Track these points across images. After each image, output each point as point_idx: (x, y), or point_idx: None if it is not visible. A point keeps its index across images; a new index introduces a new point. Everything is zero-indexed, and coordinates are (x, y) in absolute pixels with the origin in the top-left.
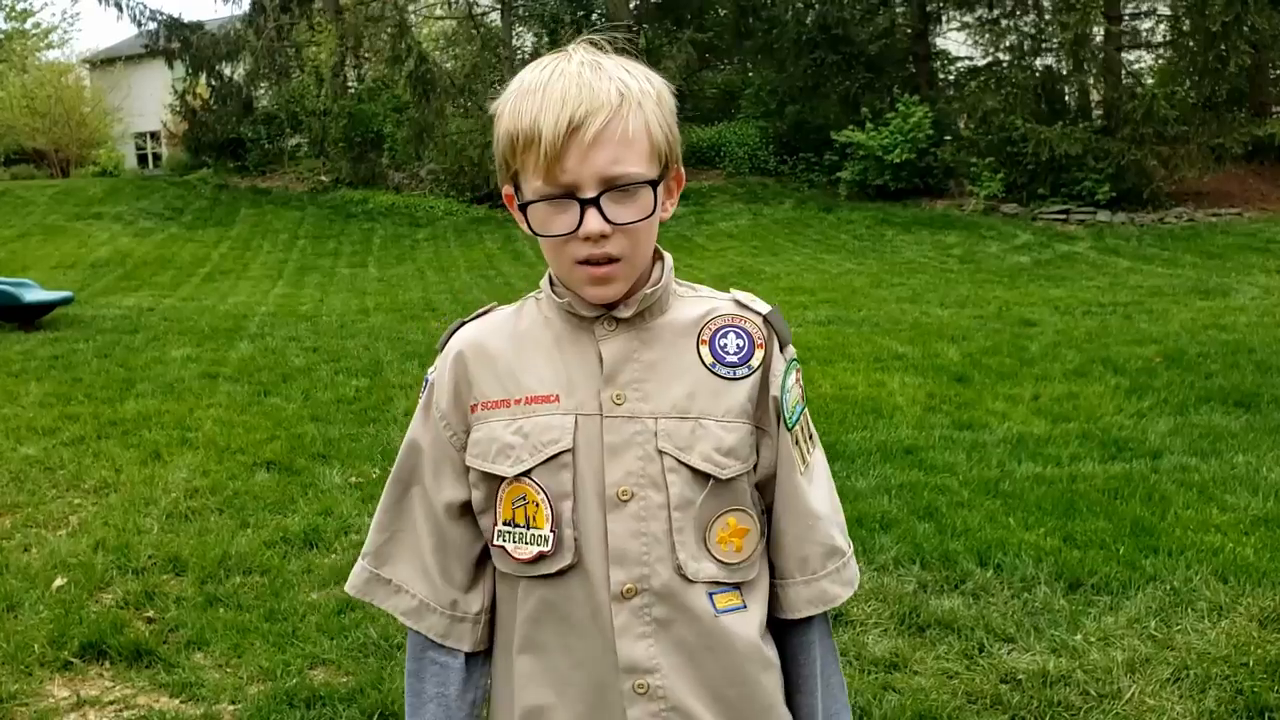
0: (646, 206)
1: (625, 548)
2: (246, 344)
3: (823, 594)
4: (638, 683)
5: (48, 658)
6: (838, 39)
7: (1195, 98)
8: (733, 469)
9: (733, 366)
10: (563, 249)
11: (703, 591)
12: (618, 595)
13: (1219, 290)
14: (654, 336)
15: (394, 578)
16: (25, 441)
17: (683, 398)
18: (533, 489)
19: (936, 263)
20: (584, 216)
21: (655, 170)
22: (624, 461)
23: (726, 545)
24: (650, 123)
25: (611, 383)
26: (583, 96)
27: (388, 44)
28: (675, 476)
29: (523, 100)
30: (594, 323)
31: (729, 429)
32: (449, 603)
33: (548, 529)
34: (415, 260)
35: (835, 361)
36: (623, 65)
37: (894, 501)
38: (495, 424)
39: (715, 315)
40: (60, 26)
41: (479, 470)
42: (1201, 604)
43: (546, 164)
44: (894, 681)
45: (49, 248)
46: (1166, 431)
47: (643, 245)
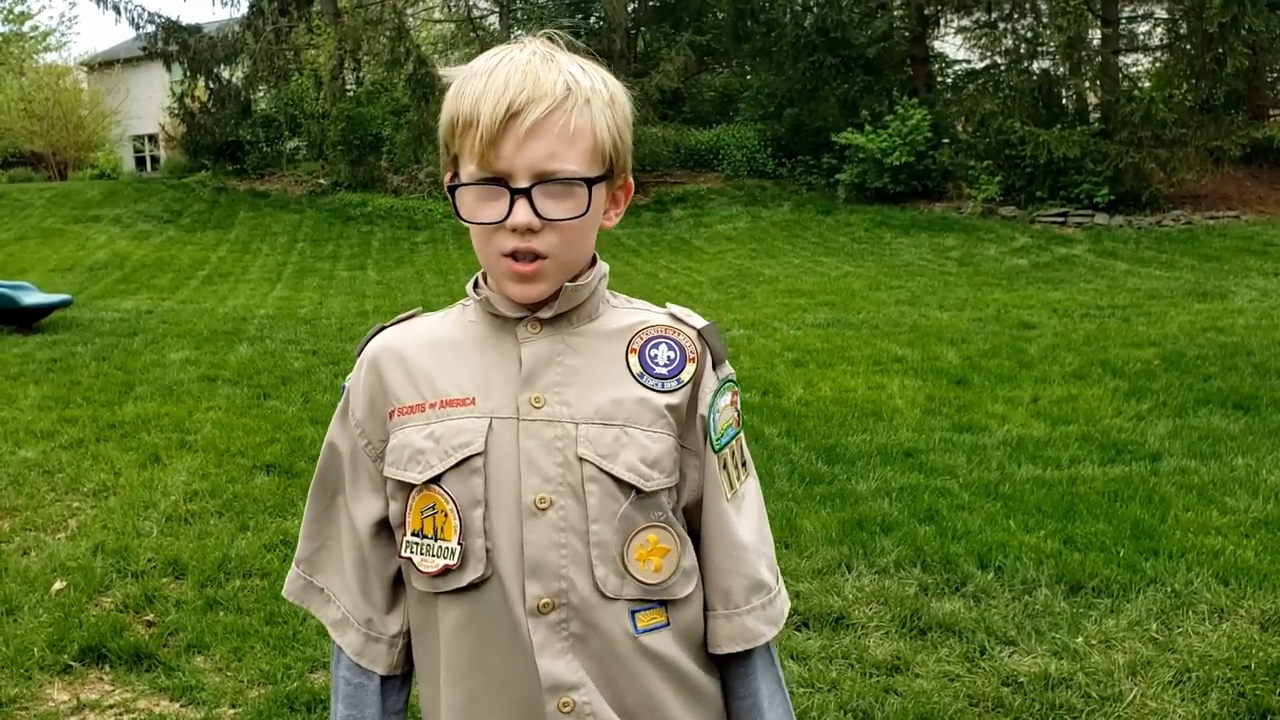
0: (581, 205)
1: (543, 559)
2: (246, 347)
3: (744, 630)
4: (562, 701)
5: (47, 661)
6: (836, 42)
7: (1192, 100)
8: (656, 481)
9: (661, 378)
10: (490, 239)
11: (624, 609)
12: (534, 610)
13: (1217, 293)
14: (581, 342)
15: (326, 586)
16: (24, 444)
17: (607, 404)
18: (441, 497)
19: (935, 265)
20: (513, 206)
21: (596, 170)
22: (541, 468)
23: (645, 563)
24: (597, 122)
25: (530, 385)
26: (526, 84)
27: (386, 47)
28: (595, 486)
29: (467, 83)
30: (517, 324)
31: (654, 439)
32: (365, 620)
33: (454, 540)
34: (414, 263)
35: (834, 364)
36: (578, 62)
37: (894, 504)
38: (410, 430)
39: (647, 325)
40: (58, 29)
41: (394, 479)
42: (1202, 606)
43: (481, 148)
44: (895, 684)
45: (47, 250)
46: (1166, 434)
47: (575, 247)
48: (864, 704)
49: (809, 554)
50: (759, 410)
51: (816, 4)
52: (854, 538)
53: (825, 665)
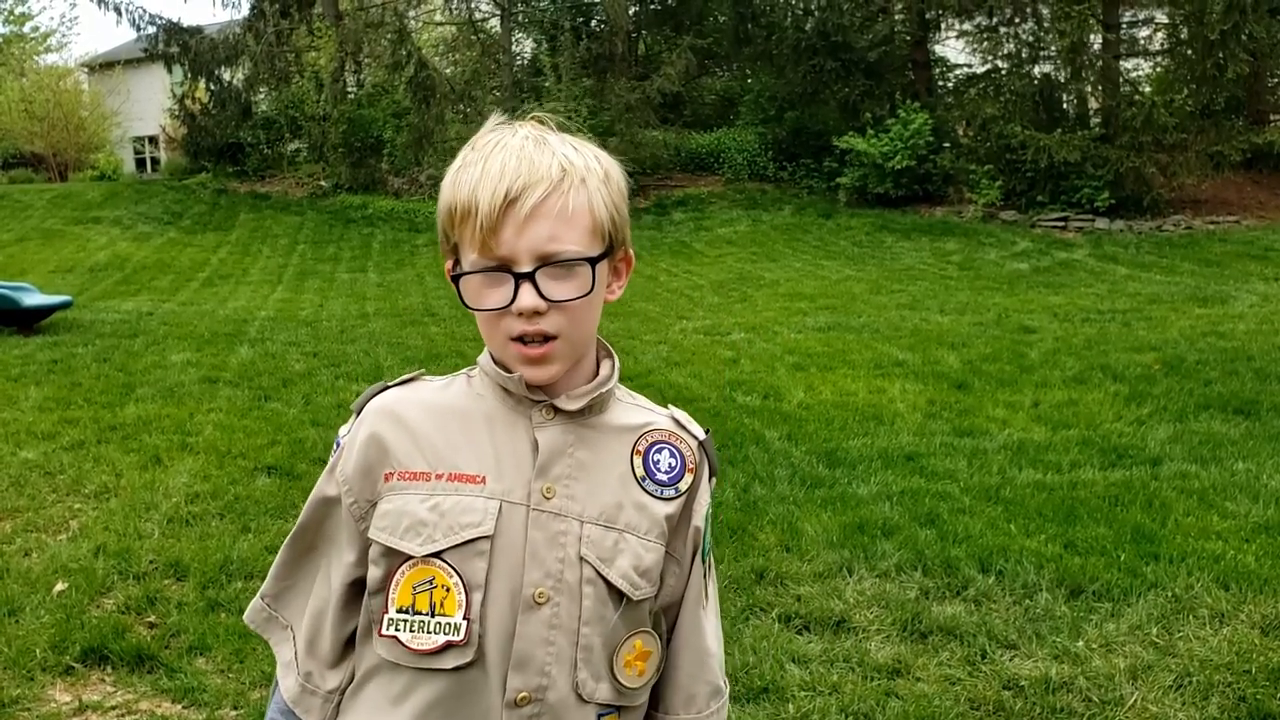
0: (584, 284)
1: (530, 654)
2: (246, 349)
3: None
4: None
5: (49, 663)
6: (837, 46)
7: (1193, 105)
8: (644, 591)
9: (662, 485)
10: (497, 325)
11: (592, 713)
12: (511, 702)
13: (1217, 298)
14: (591, 435)
15: (290, 624)
16: (25, 446)
17: (611, 506)
18: (444, 572)
19: (936, 269)
20: (518, 291)
21: (597, 248)
22: (544, 561)
23: (631, 669)
24: (594, 200)
25: (544, 474)
26: (521, 170)
27: (387, 49)
28: (591, 589)
29: (464, 172)
30: (532, 408)
31: (648, 548)
32: (305, 672)
33: (460, 616)
34: (415, 265)
35: (835, 368)
36: (570, 142)
37: (895, 508)
38: (411, 496)
39: (653, 428)
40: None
41: (382, 544)
42: (1203, 611)
43: (482, 236)
44: (897, 688)
45: (47, 252)
46: (1166, 438)
47: (582, 325)
48: (865, 707)
49: (810, 557)
50: (760, 414)
51: (817, 8)
52: (855, 541)
53: (826, 668)
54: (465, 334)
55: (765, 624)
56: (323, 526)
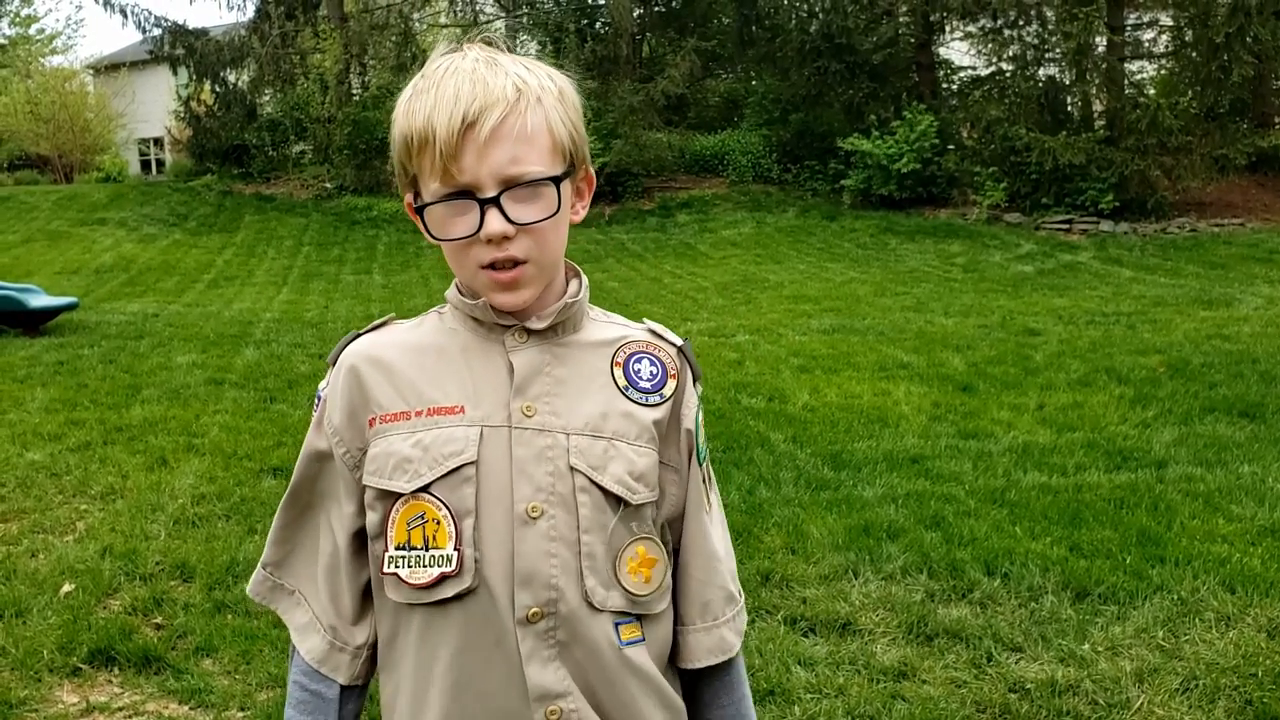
0: (550, 205)
1: (534, 569)
2: (252, 350)
3: (722, 642)
4: (550, 709)
5: (56, 664)
6: (841, 48)
7: (1198, 108)
8: (643, 495)
9: (645, 392)
10: (465, 254)
11: (608, 621)
12: (523, 619)
13: (1222, 300)
14: (566, 353)
15: (296, 589)
16: (31, 447)
17: (596, 416)
18: (433, 505)
19: (940, 272)
20: (484, 217)
21: (559, 167)
22: (533, 477)
23: (636, 575)
24: (551, 118)
25: (522, 394)
26: (476, 92)
27: (392, 51)
28: (586, 497)
29: (416, 100)
30: (504, 333)
31: (640, 453)
32: (331, 628)
33: (451, 547)
34: (419, 267)
35: (840, 370)
36: (521, 62)
37: (900, 510)
38: (394, 437)
39: (630, 340)
40: (65, 32)
41: (375, 488)
42: (1209, 614)
43: (442, 164)
44: (903, 690)
45: (53, 253)
46: (1171, 441)
47: (550, 247)
48: (871, 710)
49: (815, 560)
50: (765, 416)
51: (822, 10)
52: (860, 544)
53: (832, 671)
54: None
55: (771, 626)
56: (316, 483)
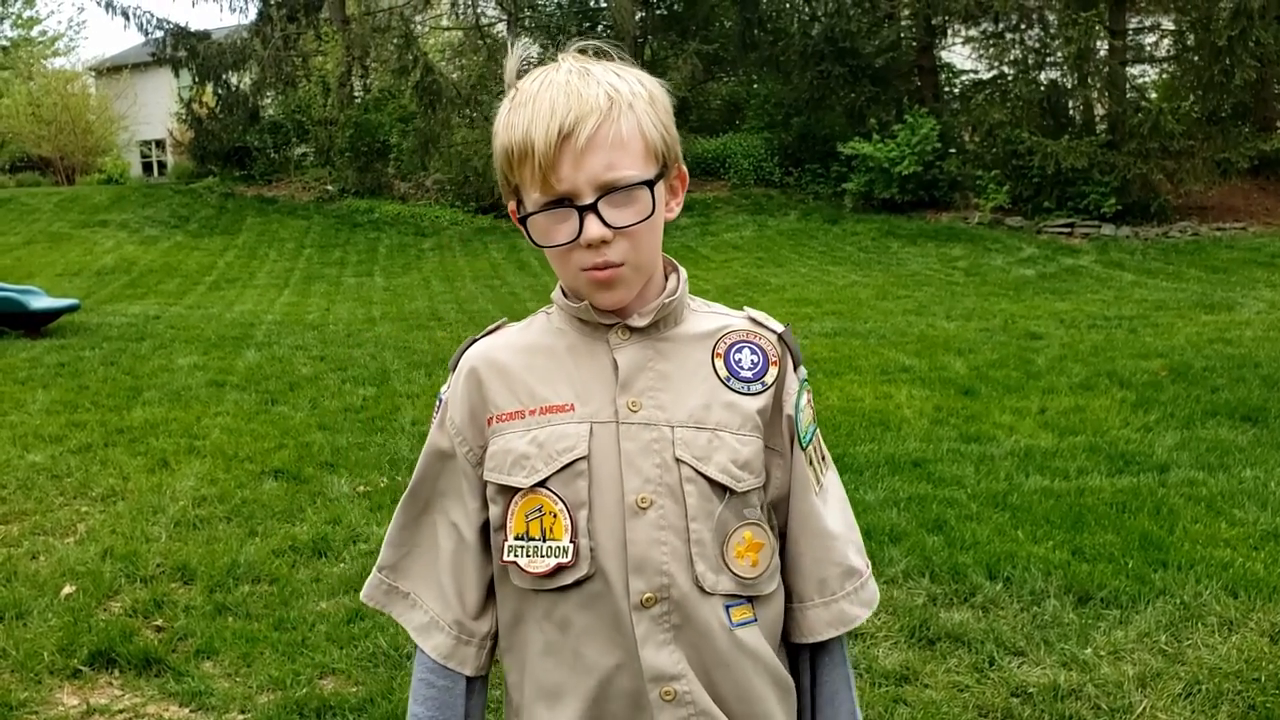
0: (645, 208)
1: (645, 556)
2: (253, 352)
3: (841, 615)
4: (665, 690)
5: (57, 666)
6: (844, 51)
7: (1200, 112)
8: (748, 482)
9: (747, 381)
10: (567, 258)
11: (719, 604)
12: (637, 604)
13: (1224, 304)
14: (669, 347)
15: (411, 591)
16: (32, 449)
17: (699, 408)
18: (549, 499)
19: (942, 275)
20: (583, 223)
21: (652, 170)
22: (641, 469)
23: (743, 559)
24: (643, 123)
25: (627, 390)
26: (571, 104)
27: (394, 54)
28: (692, 487)
29: (514, 114)
30: (608, 331)
31: (744, 442)
32: (456, 623)
33: (566, 539)
34: (421, 270)
35: (842, 374)
36: (612, 69)
37: (903, 514)
38: (511, 435)
39: (730, 330)
40: (67, 34)
41: (496, 484)
42: (1212, 619)
43: (542, 174)
44: (904, 694)
45: (54, 255)
46: (1173, 445)
47: (647, 247)
48: (873, 714)
49: None
50: None
51: (824, 14)
52: None
53: None
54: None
55: None
56: (437, 481)
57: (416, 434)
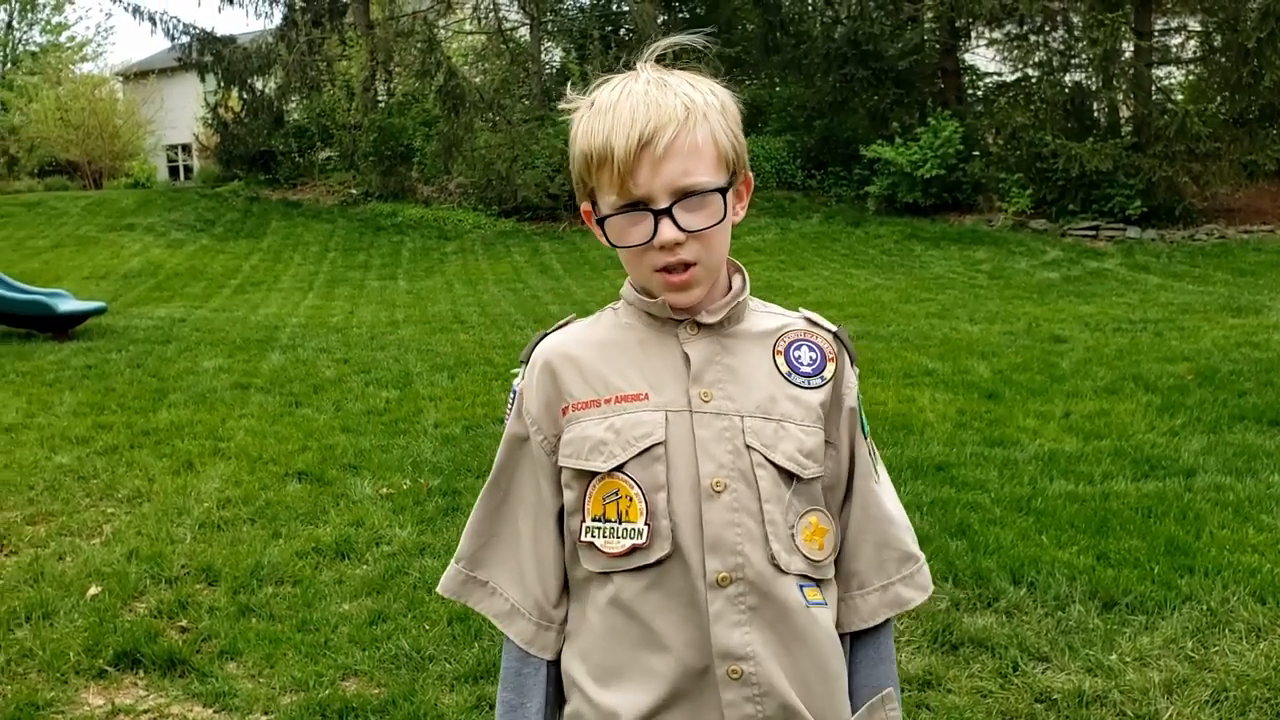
0: (717, 212)
1: (721, 536)
2: (278, 355)
3: (898, 597)
4: (732, 668)
5: (83, 666)
6: (867, 54)
7: (1227, 114)
8: (813, 470)
9: (807, 377)
10: (641, 259)
11: (794, 583)
12: (714, 583)
13: (1251, 308)
14: (734, 343)
15: (490, 580)
16: (59, 450)
17: (765, 400)
18: (626, 483)
19: (965, 278)
20: (658, 226)
21: (724, 177)
22: (715, 455)
23: (811, 543)
24: (716, 132)
25: (698, 382)
26: (651, 113)
27: (417, 58)
28: (763, 472)
29: (595, 120)
30: (678, 327)
31: (808, 433)
32: (538, 609)
33: (641, 522)
34: (444, 273)
35: (864, 377)
36: (688, 80)
37: (925, 518)
38: (587, 423)
39: (789, 329)
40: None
41: (572, 469)
42: (1239, 625)
43: (620, 179)
44: (928, 700)
45: (82, 258)
46: (1200, 450)
47: (717, 250)
48: None
49: None
50: None
51: (848, 16)
52: None
53: None
54: (493, 341)
55: None
56: (516, 470)
57: (439, 436)
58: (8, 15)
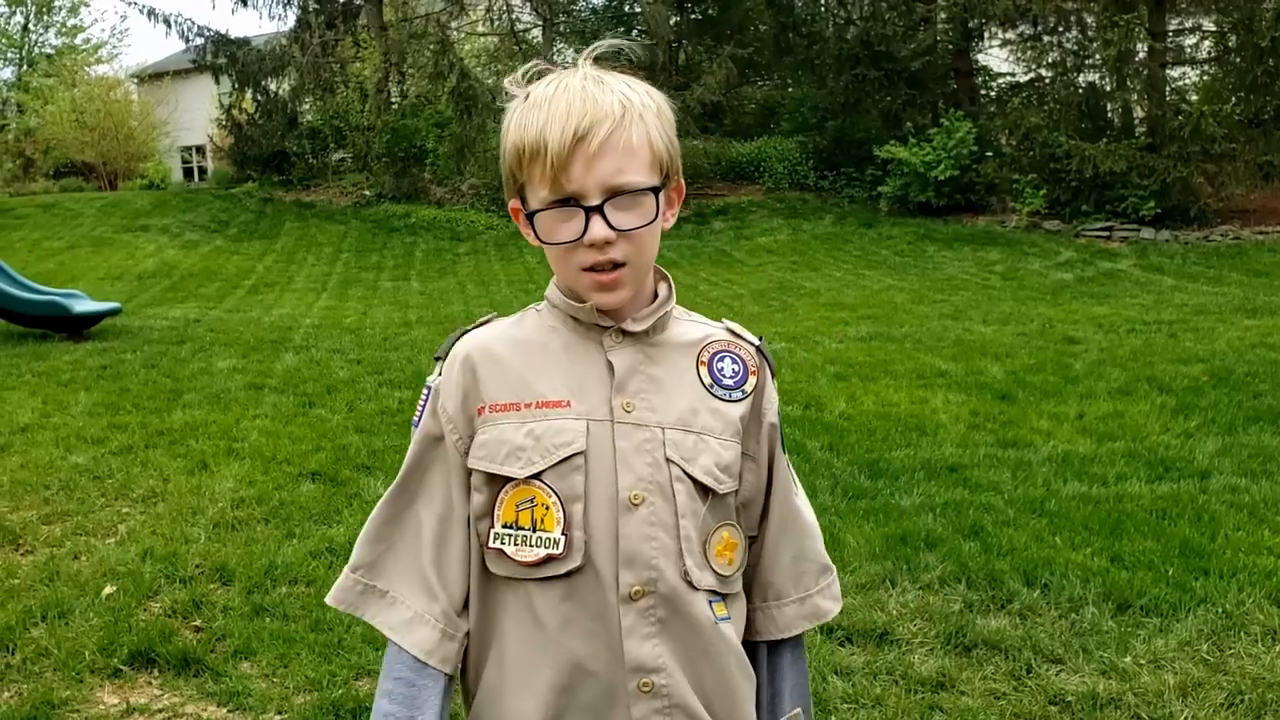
0: (649, 213)
1: (636, 550)
2: (291, 355)
3: (816, 609)
4: (643, 681)
5: (98, 665)
6: (879, 55)
7: (1242, 114)
8: (728, 485)
9: (728, 389)
10: (569, 256)
11: (704, 598)
12: (626, 597)
13: (1266, 309)
14: (657, 352)
15: (391, 589)
16: (75, 450)
17: (686, 412)
18: (543, 491)
19: (978, 279)
20: (589, 223)
21: (656, 179)
22: (635, 467)
23: (722, 558)
24: (651, 134)
25: (621, 391)
26: (587, 109)
27: (430, 60)
28: (681, 486)
29: (529, 114)
30: (602, 333)
31: (726, 447)
32: (444, 615)
33: (558, 532)
34: (457, 274)
35: (878, 378)
36: (625, 80)
37: (939, 520)
38: (505, 426)
39: (713, 340)
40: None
41: (484, 472)
42: (1255, 628)
43: (553, 173)
44: (941, 702)
45: (97, 259)
46: (1215, 451)
47: (646, 252)
48: None
49: (852, 569)
50: (801, 424)
51: (860, 17)
52: (898, 553)
53: (869, 681)
54: None
55: (808, 635)
56: (429, 471)
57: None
58: (24, 18)
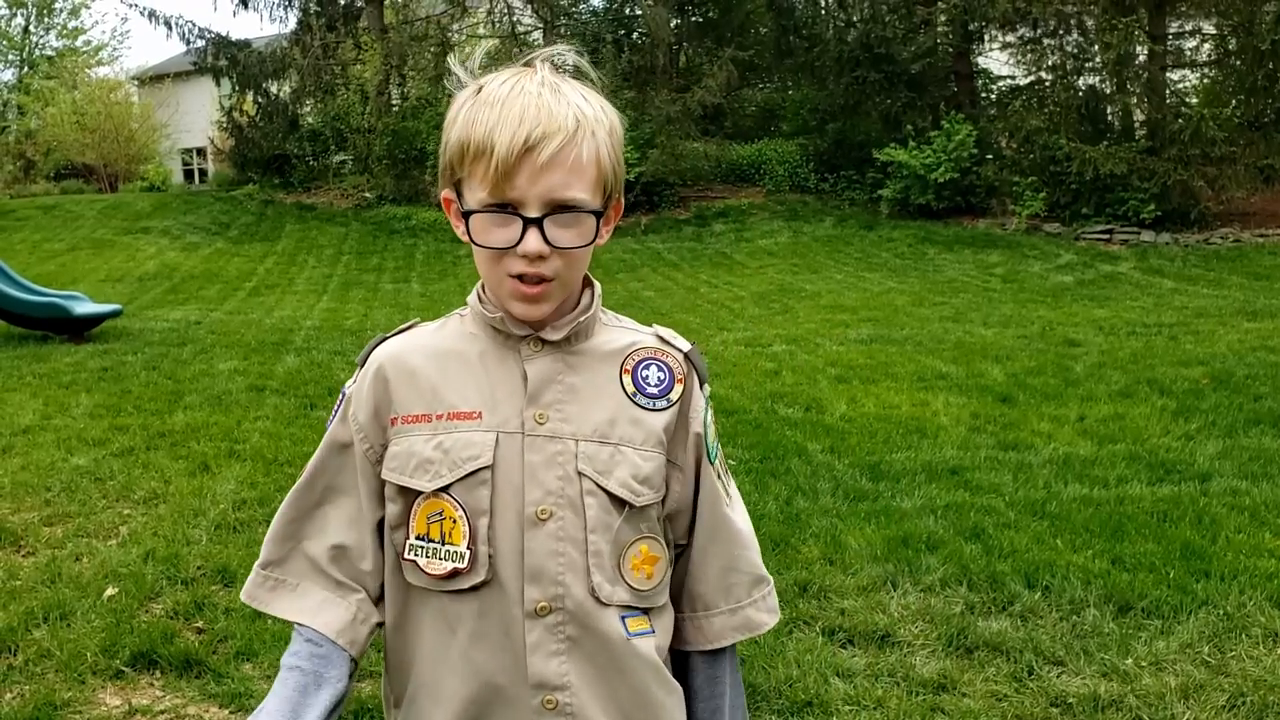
0: (587, 234)
1: (542, 566)
2: (293, 357)
3: (748, 621)
4: (546, 699)
5: (100, 666)
6: (880, 57)
7: (1242, 117)
8: (647, 497)
9: (653, 398)
10: (498, 262)
11: (615, 614)
12: (531, 612)
13: (1266, 312)
14: (578, 361)
15: (300, 582)
16: (76, 452)
17: (604, 423)
18: (450, 505)
19: (979, 282)
20: (525, 234)
21: (600, 199)
22: (544, 481)
23: (639, 572)
24: (600, 151)
25: (535, 402)
26: (540, 118)
27: (431, 62)
28: (593, 499)
29: (479, 110)
30: (520, 342)
31: (646, 458)
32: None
33: (464, 545)
34: (457, 276)
35: (878, 381)
36: (580, 91)
37: (940, 522)
38: (415, 438)
39: (638, 347)
40: (110, 44)
41: (395, 484)
42: (1256, 630)
43: (495, 178)
44: (942, 703)
45: (98, 261)
46: (1215, 454)
47: (577, 269)
48: None
49: (853, 571)
50: (802, 426)
51: (860, 20)
52: (899, 555)
53: (871, 683)
54: None
55: (809, 638)
56: (337, 475)
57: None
58: (25, 20)
